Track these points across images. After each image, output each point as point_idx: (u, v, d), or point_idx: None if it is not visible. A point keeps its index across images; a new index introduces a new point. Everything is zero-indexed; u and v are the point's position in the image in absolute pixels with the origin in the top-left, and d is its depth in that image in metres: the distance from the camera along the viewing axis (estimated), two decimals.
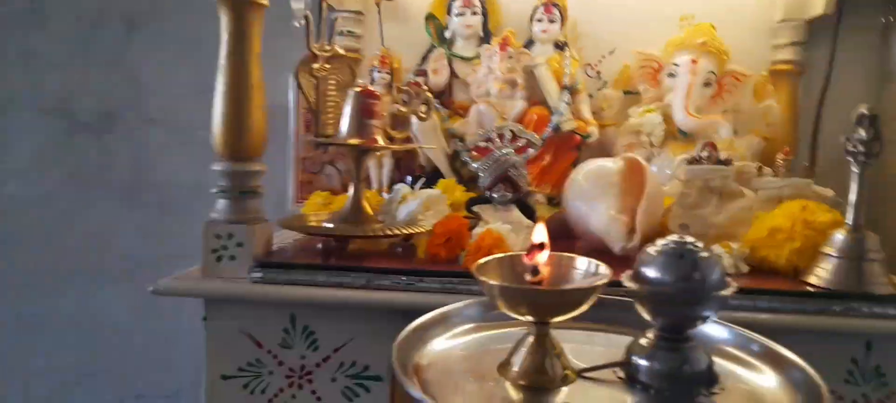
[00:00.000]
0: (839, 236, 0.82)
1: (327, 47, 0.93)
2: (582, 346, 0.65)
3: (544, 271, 0.61)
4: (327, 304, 0.84)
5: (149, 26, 1.51)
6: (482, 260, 0.63)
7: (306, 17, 0.86)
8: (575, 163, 1.25)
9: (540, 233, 0.63)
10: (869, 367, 0.80)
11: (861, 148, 0.81)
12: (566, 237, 1.09)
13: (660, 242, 0.61)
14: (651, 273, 0.58)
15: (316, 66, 0.91)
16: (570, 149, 1.22)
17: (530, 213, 1.04)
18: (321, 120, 0.96)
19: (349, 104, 0.95)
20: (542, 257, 0.62)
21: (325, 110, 0.99)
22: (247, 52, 0.85)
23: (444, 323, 0.66)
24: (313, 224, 1.01)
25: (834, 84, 1.31)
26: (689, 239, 0.61)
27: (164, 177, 1.54)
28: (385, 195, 1.27)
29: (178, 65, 1.50)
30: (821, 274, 0.82)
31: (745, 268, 0.88)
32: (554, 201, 1.24)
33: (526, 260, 0.61)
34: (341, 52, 0.99)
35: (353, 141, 0.94)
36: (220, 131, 0.86)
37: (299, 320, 0.86)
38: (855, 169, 0.82)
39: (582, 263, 0.64)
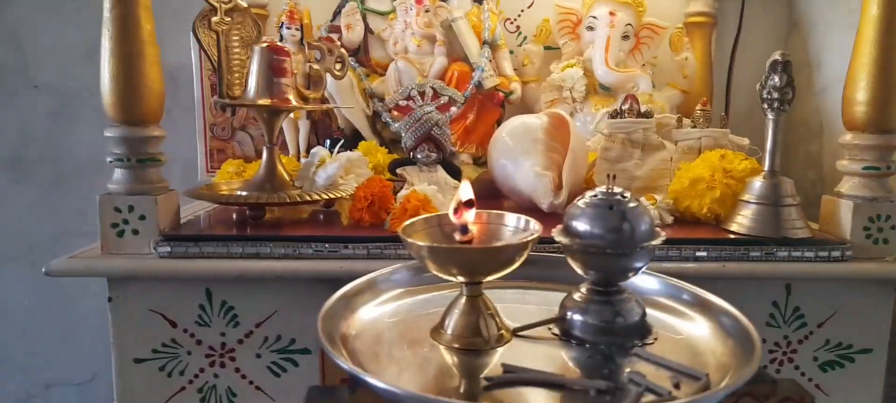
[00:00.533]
0: (757, 182, 0.84)
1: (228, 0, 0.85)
2: (515, 305, 0.64)
3: (473, 230, 0.59)
4: (246, 277, 0.78)
5: None
6: (408, 222, 0.59)
7: None
8: (499, 121, 1.23)
9: (466, 191, 0.60)
10: (789, 309, 0.82)
11: (775, 95, 0.82)
12: (493, 197, 1.07)
13: (588, 195, 0.59)
14: (581, 226, 0.57)
15: (215, 19, 0.83)
16: (493, 106, 1.20)
17: (456, 173, 1.00)
18: (226, 79, 0.88)
19: (256, 62, 0.88)
20: (471, 215, 0.59)
21: (231, 69, 0.91)
22: (133, 4, 0.77)
23: (371, 289, 0.63)
24: (225, 193, 0.94)
25: (744, 34, 1.35)
26: (617, 189, 0.60)
27: (55, 149, 1.41)
28: (303, 160, 1.21)
29: (64, 23, 1.36)
30: (741, 221, 0.84)
31: (669, 219, 0.89)
32: (480, 161, 1.22)
33: (454, 219, 0.59)
34: (242, 4, 0.91)
35: (263, 101, 0.87)
36: (110, 93, 0.78)
37: (216, 295, 0.80)
38: (770, 115, 0.83)
39: (511, 220, 0.62)
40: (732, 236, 0.83)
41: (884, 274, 0.80)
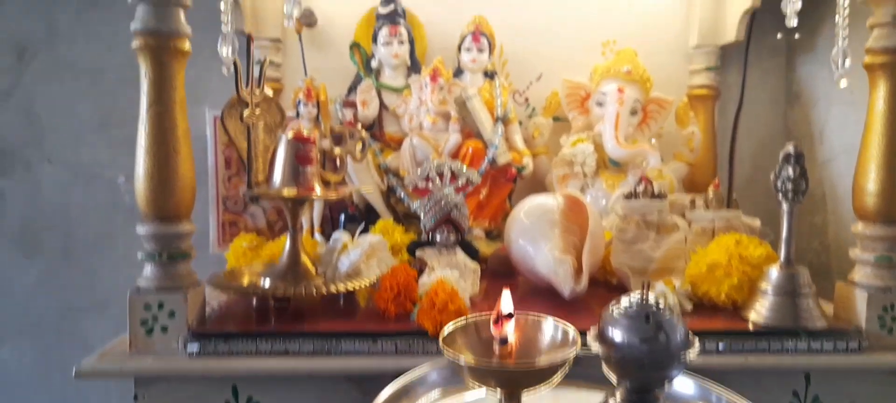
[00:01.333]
0: (774, 272, 0.86)
1: (257, 92, 0.86)
2: None
3: (512, 340, 0.61)
4: (274, 375, 0.79)
5: (43, 54, 1.36)
6: (447, 330, 0.61)
7: (235, 64, 0.79)
8: (510, 195, 1.25)
9: (507, 302, 0.62)
10: (809, 398, 0.84)
11: (790, 185, 0.85)
12: (509, 273, 1.09)
13: (623, 302, 0.61)
14: (617, 335, 0.58)
15: (246, 112, 0.85)
16: (505, 181, 1.22)
17: (474, 253, 1.02)
18: (254, 168, 0.90)
19: (282, 151, 0.89)
20: (510, 328, 0.61)
21: (256, 156, 0.93)
22: (170, 102, 0.78)
23: (407, 395, 0.63)
24: (247, 280, 0.94)
25: (746, 106, 1.39)
26: (651, 297, 0.61)
27: (65, 222, 1.41)
28: (318, 237, 1.22)
29: (78, 97, 1.37)
30: (760, 311, 0.86)
31: (689, 306, 0.91)
32: (492, 234, 1.24)
33: (494, 331, 0.60)
34: (269, 92, 0.93)
35: (290, 192, 0.88)
36: (145, 189, 0.79)
37: (242, 392, 0.80)
38: (784, 205, 0.86)
39: (549, 327, 0.63)
40: (752, 326, 0.85)
41: None
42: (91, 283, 1.41)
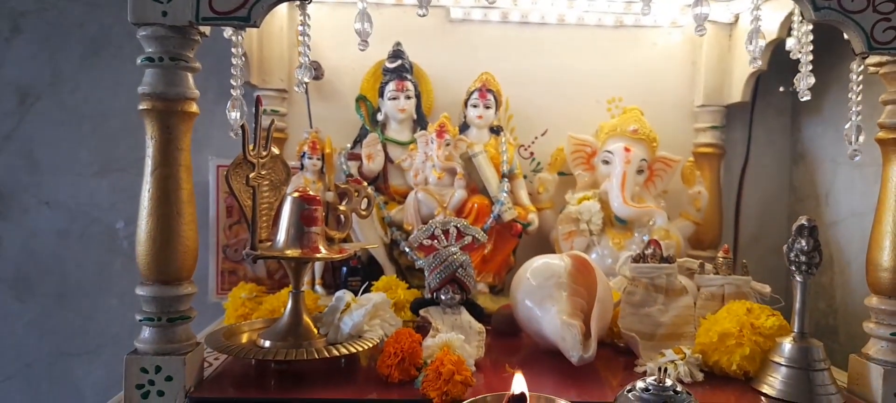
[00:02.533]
0: (787, 345, 0.84)
1: (264, 153, 0.85)
2: None
3: None
4: None
5: (46, 99, 1.36)
6: None
7: (242, 128, 0.78)
8: (515, 250, 1.24)
9: (519, 384, 0.60)
10: None
11: (803, 258, 0.84)
12: (514, 332, 1.07)
13: (639, 385, 0.59)
14: None
15: (252, 174, 0.84)
16: (510, 236, 1.21)
17: (478, 312, 1.00)
18: (257, 229, 0.88)
19: (287, 211, 0.88)
20: None
21: (260, 213, 0.91)
22: (176, 164, 0.77)
23: None
24: (246, 338, 0.92)
25: (751, 164, 1.38)
26: (668, 382, 0.60)
27: (60, 266, 1.38)
28: (318, 289, 1.20)
29: (79, 142, 1.36)
30: (773, 384, 0.84)
31: (699, 376, 0.88)
32: (496, 289, 1.22)
33: None
34: (275, 150, 0.92)
35: (293, 253, 0.87)
36: (146, 252, 0.77)
37: None
38: (798, 278, 0.84)
39: None
40: (764, 399, 0.83)
41: None
42: (85, 328, 1.39)
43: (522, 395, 0.59)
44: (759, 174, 1.40)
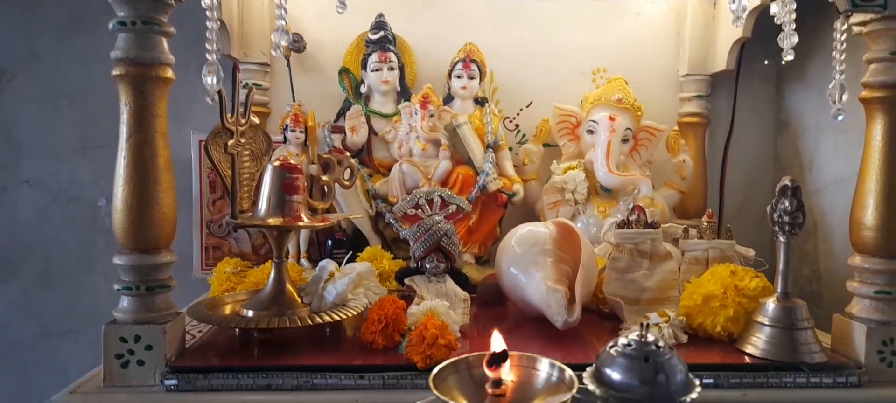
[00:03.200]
0: (771, 305, 0.84)
1: (242, 121, 0.84)
2: None
3: (507, 382, 0.58)
4: None
5: (23, 76, 1.33)
6: (438, 369, 0.58)
7: (219, 93, 0.77)
8: (501, 221, 1.23)
9: (498, 342, 0.59)
10: None
11: (786, 218, 0.83)
12: (499, 301, 1.07)
13: (620, 341, 0.59)
14: (615, 375, 0.56)
15: (231, 142, 0.82)
16: (496, 207, 1.20)
17: (463, 281, 1.00)
18: (238, 197, 0.87)
19: (268, 180, 0.87)
20: (505, 370, 0.58)
21: (241, 183, 0.90)
22: (151, 131, 0.76)
23: None
24: (230, 309, 0.91)
25: (736, 133, 1.38)
26: (651, 337, 0.59)
27: (42, 246, 1.37)
28: (304, 262, 1.19)
29: (58, 119, 1.34)
30: (757, 344, 0.84)
31: (684, 338, 0.89)
32: (482, 260, 1.22)
33: (488, 372, 0.58)
34: (255, 120, 0.91)
35: (275, 221, 0.86)
36: (123, 220, 0.76)
37: None
38: (781, 238, 0.84)
39: (545, 366, 0.61)
40: (748, 359, 0.83)
41: None
42: (69, 308, 1.38)
43: (504, 352, 0.58)
44: (743, 143, 1.40)
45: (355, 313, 0.88)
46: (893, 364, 0.82)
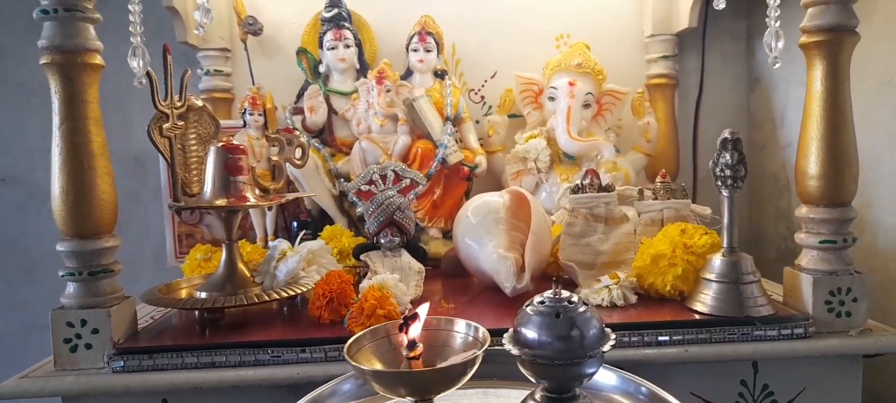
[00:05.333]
0: (716, 261, 0.83)
1: (179, 103, 0.85)
2: None
3: (421, 345, 0.58)
4: (202, 387, 0.77)
5: None
6: (354, 338, 0.59)
7: (148, 75, 0.77)
8: (468, 194, 1.23)
9: (425, 311, 0.60)
10: (758, 387, 0.81)
11: (728, 172, 0.82)
12: (462, 273, 1.07)
13: (536, 299, 0.59)
14: (530, 334, 0.56)
15: (166, 125, 0.83)
16: (460, 180, 1.20)
17: (420, 254, 1.00)
18: (182, 178, 0.88)
19: (211, 161, 0.87)
20: (416, 330, 0.59)
21: (188, 167, 0.91)
22: (82, 118, 0.76)
23: None
24: (184, 294, 0.93)
25: (707, 92, 1.36)
26: (565, 293, 0.59)
27: (24, 241, 1.39)
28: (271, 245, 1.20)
29: (30, 116, 1.36)
30: (704, 300, 0.83)
31: (633, 299, 0.88)
32: (448, 234, 1.22)
33: (401, 335, 0.58)
34: (199, 103, 0.91)
35: (220, 202, 0.87)
36: (60, 207, 0.77)
37: None
38: (724, 192, 0.83)
39: (461, 327, 0.61)
40: (697, 316, 0.82)
41: (848, 348, 0.79)
42: (54, 302, 1.40)
43: (414, 314, 0.59)
44: (715, 102, 1.38)
45: (305, 290, 0.89)
46: (841, 315, 0.81)
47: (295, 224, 1.19)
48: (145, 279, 1.19)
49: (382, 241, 0.97)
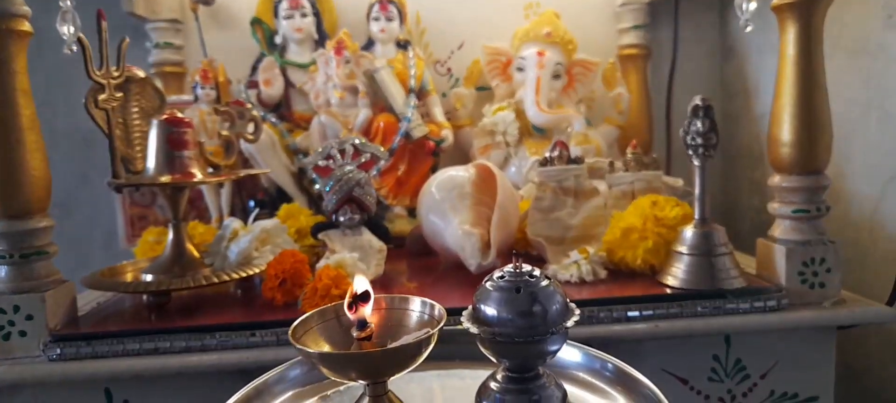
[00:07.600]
0: (688, 233, 0.80)
1: (116, 73, 0.79)
2: (433, 391, 0.59)
3: (373, 322, 0.54)
4: (144, 375, 0.72)
5: None
6: (300, 320, 0.54)
7: (80, 41, 0.72)
8: (434, 169, 1.18)
9: (361, 283, 0.55)
10: (730, 362, 0.78)
11: (699, 140, 0.79)
12: (428, 252, 1.03)
13: (495, 274, 0.55)
14: (489, 310, 0.52)
15: (102, 97, 0.77)
16: (425, 155, 1.15)
17: (384, 233, 0.95)
18: (123, 154, 0.82)
19: (154, 136, 0.82)
20: (367, 309, 0.54)
21: (131, 143, 0.85)
22: (9, 89, 0.71)
23: (260, 397, 0.57)
24: (129, 277, 0.87)
25: (680, 63, 1.33)
26: (527, 267, 0.55)
27: None
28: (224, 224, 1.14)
29: None
30: (675, 274, 0.80)
31: (603, 274, 0.85)
32: (414, 212, 1.17)
33: (349, 315, 0.54)
34: (140, 74, 0.86)
35: (164, 179, 0.81)
36: None
37: (116, 395, 0.74)
38: (696, 162, 0.80)
39: (416, 305, 0.57)
40: (668, 290, 0.79)
41: (821, 320, 0.77)
42: None
43: (366, 293, 0.54)
44: (688, 73, 1.34)
45: (258, 271, 0.84)
46: (815, 286, 0.78)
47: (252, 203, 1.14)
48: (95, 263, 1.12)
49: (342, 219, 0.93)
